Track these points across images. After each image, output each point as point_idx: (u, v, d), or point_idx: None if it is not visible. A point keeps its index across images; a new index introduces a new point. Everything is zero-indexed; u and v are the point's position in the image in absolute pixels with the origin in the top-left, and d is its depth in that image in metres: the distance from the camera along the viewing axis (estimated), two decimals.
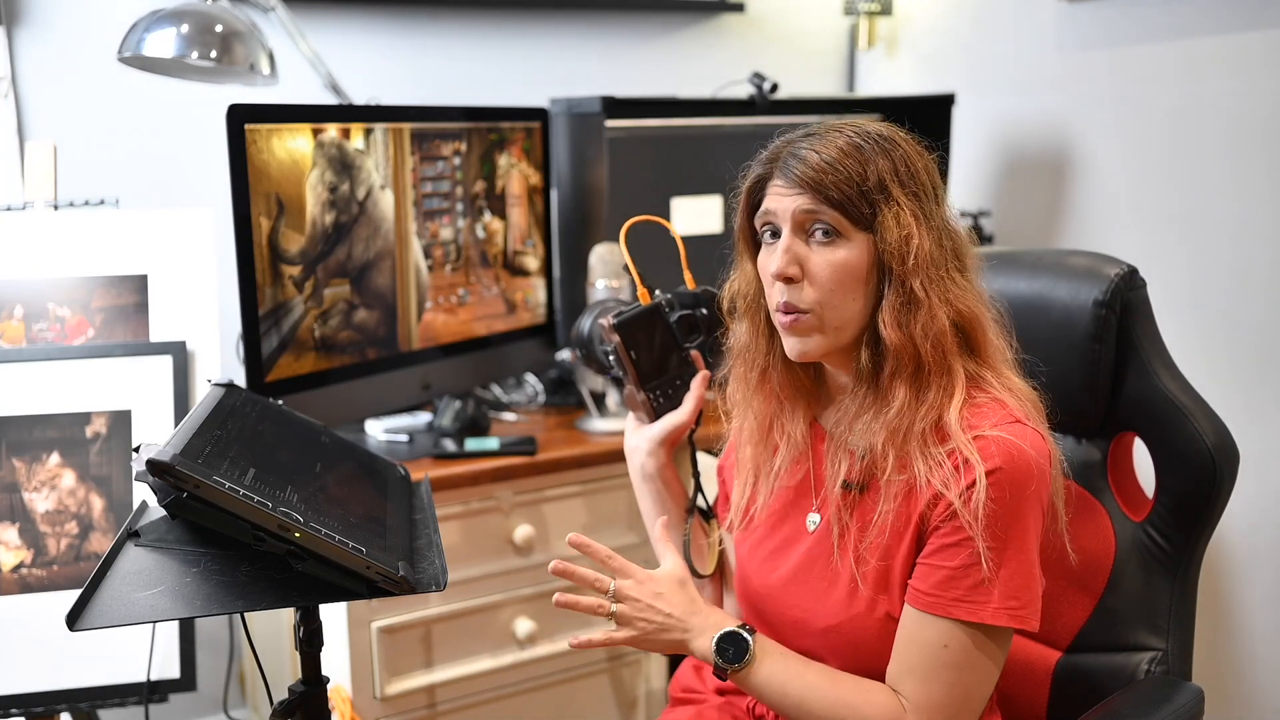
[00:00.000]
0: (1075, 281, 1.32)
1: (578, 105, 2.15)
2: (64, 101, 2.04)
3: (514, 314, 2.12)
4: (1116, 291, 1.29)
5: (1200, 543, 1.29)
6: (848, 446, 1.16)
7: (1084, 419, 1.34)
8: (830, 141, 1.12)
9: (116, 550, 1.07)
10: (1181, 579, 1.30)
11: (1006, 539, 1.07)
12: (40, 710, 1.53)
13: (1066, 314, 1.32)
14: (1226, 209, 2.04)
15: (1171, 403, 1.28)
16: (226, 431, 1.13)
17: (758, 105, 2.26)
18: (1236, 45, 1.99)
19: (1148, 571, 1.30)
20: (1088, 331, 1.30)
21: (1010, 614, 1.08)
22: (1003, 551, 1.07)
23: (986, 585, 1.07)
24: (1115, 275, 1.30)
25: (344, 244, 1.80)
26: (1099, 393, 1.32)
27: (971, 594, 1.08)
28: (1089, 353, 1.30)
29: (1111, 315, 1.29)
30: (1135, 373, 1.31)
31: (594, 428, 1.95)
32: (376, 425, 1.92)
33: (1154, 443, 1.30)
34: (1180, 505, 1.28)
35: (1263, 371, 2.01)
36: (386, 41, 2.29)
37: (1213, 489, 1.26)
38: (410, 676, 1.77)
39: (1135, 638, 1.30)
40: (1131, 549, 1.31)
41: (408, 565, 1.10)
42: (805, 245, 1.12)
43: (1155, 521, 1.30)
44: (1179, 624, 1.30)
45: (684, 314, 1.38)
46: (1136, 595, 1.30)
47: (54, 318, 1.64)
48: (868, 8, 2.62)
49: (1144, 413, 1.30)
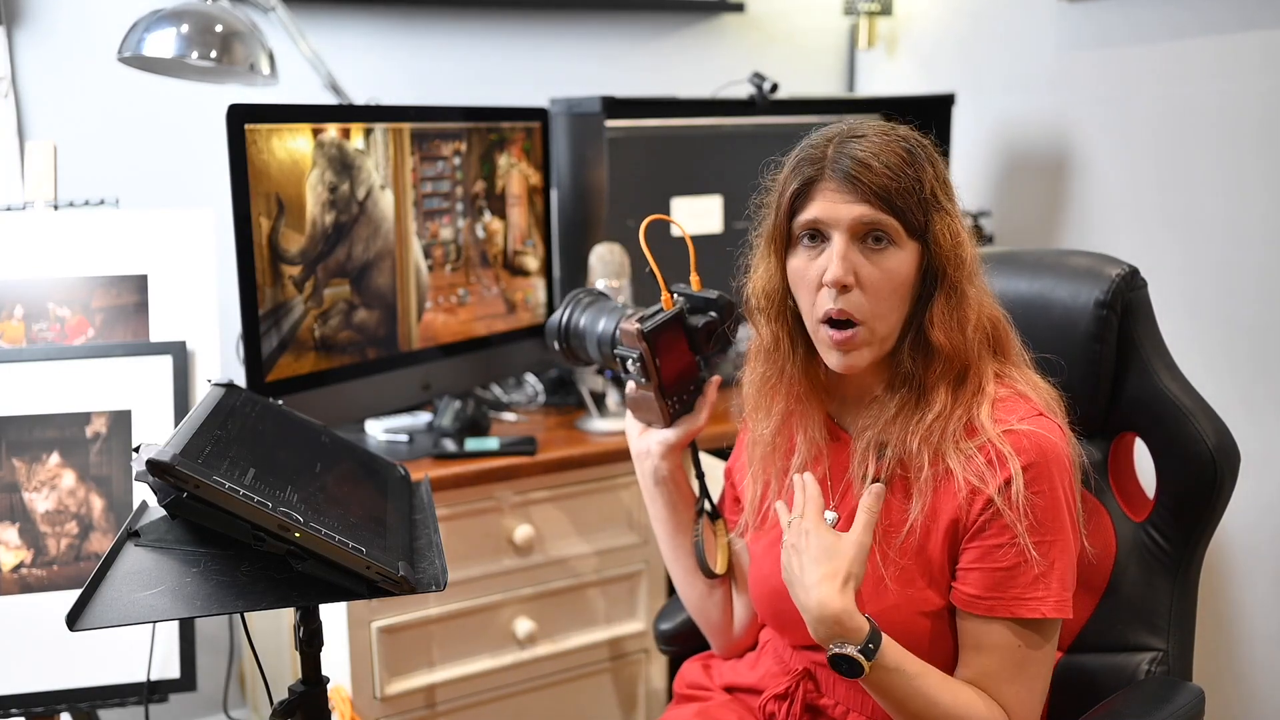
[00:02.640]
0: (1076, 282, 1.32)
1: (578, 105, 2.15)
2: (64, 101, 2.04)
3: (514, 314, 2.12)
4: (1117, 292, 1.29)
5: (1201, 543, 1.29)
6: (875, 445, 1.16)
7: (1085, 419, 1.30)
8: (886, 147, 1.11)
9: (116, 550, 1.07)
10: (1182, 579, 1.30)
11: (1054, 530, 1.09)
12: (40, 710, 1.53)
13: (1067, 314, 1.32)
14: (1223, 208, 2.04)
15: (1172, 403, 1.28)
16: (226, 431, 1.13)
17: (758, 105, 2.26)
18: (1234, 46, 2.00)
19: (1148, 572, 1.30)
20: (1089, 332, 1.30)
21: (1065, 604, 1.10)
22: (1052, 544, 1.09)
23: (1043, 579, 1.09)
24: (1116, 275, 1.30)
25: (344, 244, 1.80)
26: (1100, 393, 1.32)
27: (1030, 590, 1.09)
28: (1090, 353, 1.30)
29: (1113, 315, 1.29)
30: (1136, 373, 1.31)
31: (594, 428, 1.95)
32: (376, 425, 1.92)
33: (1155, 443, 1.30)
34: (1181, 506, 1.28)
35: (1259, 371, 2.01)
36: (386, 41, 2.29)
37: (1213, 489, 1.26)
38: (410, 676, 1.77)
39: (1135, 638, 1.29)
40: (1132, 549, 1.31)
41: (408, 565, 1.10)
42: (858, 253, 1.11)
43: (1156, 522, 1.30)
44: (1179, 624, 1.30)
45: (708, 321, 1.36)
46: (1137, 595, 1.30)
47: (54, 318, 1.64)
48: (868, 8, 2.62)
49: (1145, 413, 1.30)
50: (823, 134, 1.15)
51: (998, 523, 1.09)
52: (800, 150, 1.16)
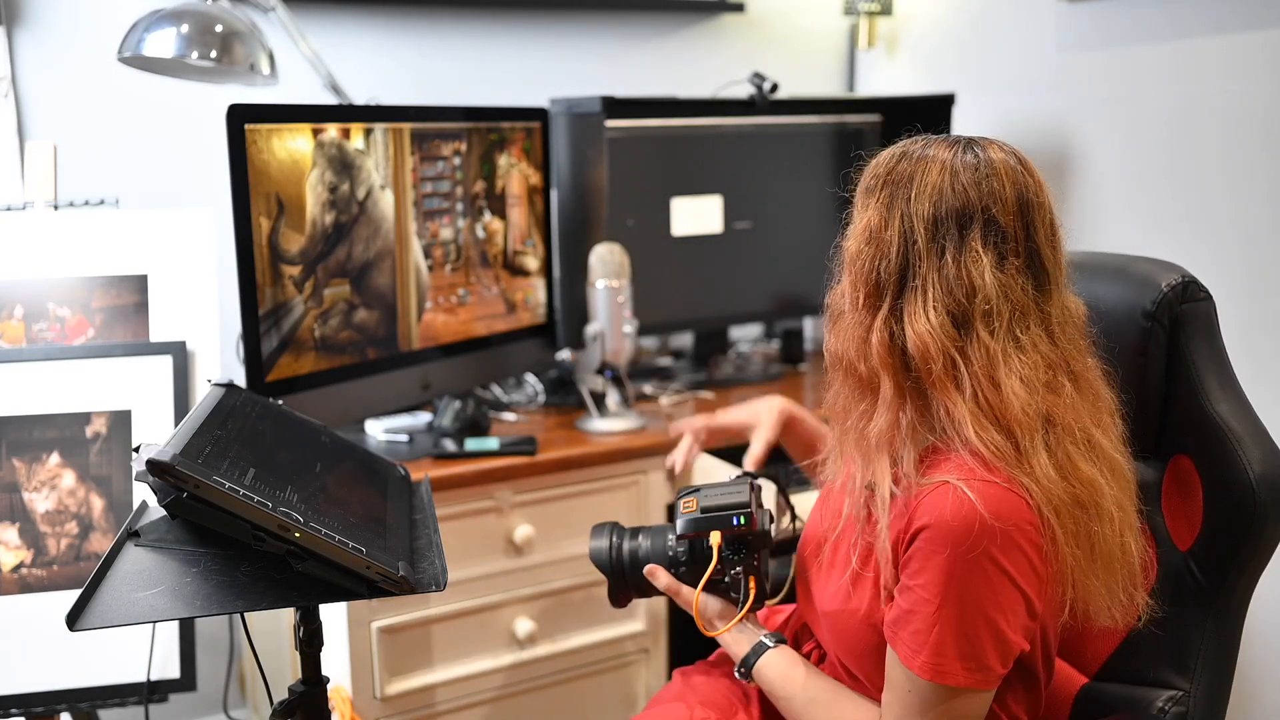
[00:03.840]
0: (1128, 289, 1.24)
1: (578, 105, 2.15)
2: (64, 101, 2.04)
3: (514, 314, 2.12)
4: (1166, 303, 1.21)
5: (1240, 582, 1.18)
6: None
7: (1136, 437, 1.19)
8: None
9: (116, 550, 1.07)
10: (1218, 619, 1.19)
11: (943, 597, 1.03)
12: (40, 710, 1.53)
13: (1116, 325, 1.22)
14: (1224, 209, 2.04)
15: (1218, 425, 1.18)
16: (226, 431, 1.13)
17: (758, 105, 2.26)
18: (1235, 45, 1.99)
19: (1181, 606, 1.20)
20: (1133, 344, 1.22)
21: (937, 670, 1.04)
22: (939, 608, 1.04)
23: (922, 635, 1.05)
24: (1165, 286, 1.21)
25: (344, 244, 1.80)
26: (1149, 410, 1.23)
27: (912, 639, 1.06)
28: (1135, 367, 1.22)
29: (1159, 328, 1.21)
30: (1185, 391, 1.21)
31: (594, 428, 1.95)
32: (376, 425, 1.92)
33: (1201, 468, 1.20)
34: (1218, 538, 1.18)
35: (1259, 371, 2.00)
36: (386, 42, 2.29)
37: (1253, 522, 1.14)
38: (410, 676, 1.77)
39: (1158, 673, 1.21)
40: (1171, 580, 1.22)
41: (408, 565, 1.10)
42: None
43: (1196, 553, 1.20)
44: (1210, 668, 1.19)
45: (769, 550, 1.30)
46: (1166, 629, 1.19)
47: (54, 318, 1.64)
48: (868, 8, 2.62)
49: (1193, 435, 1.21)
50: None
51: (911, 564, 1.06)
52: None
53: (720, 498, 1.29)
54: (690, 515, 1.29)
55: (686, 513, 1.29)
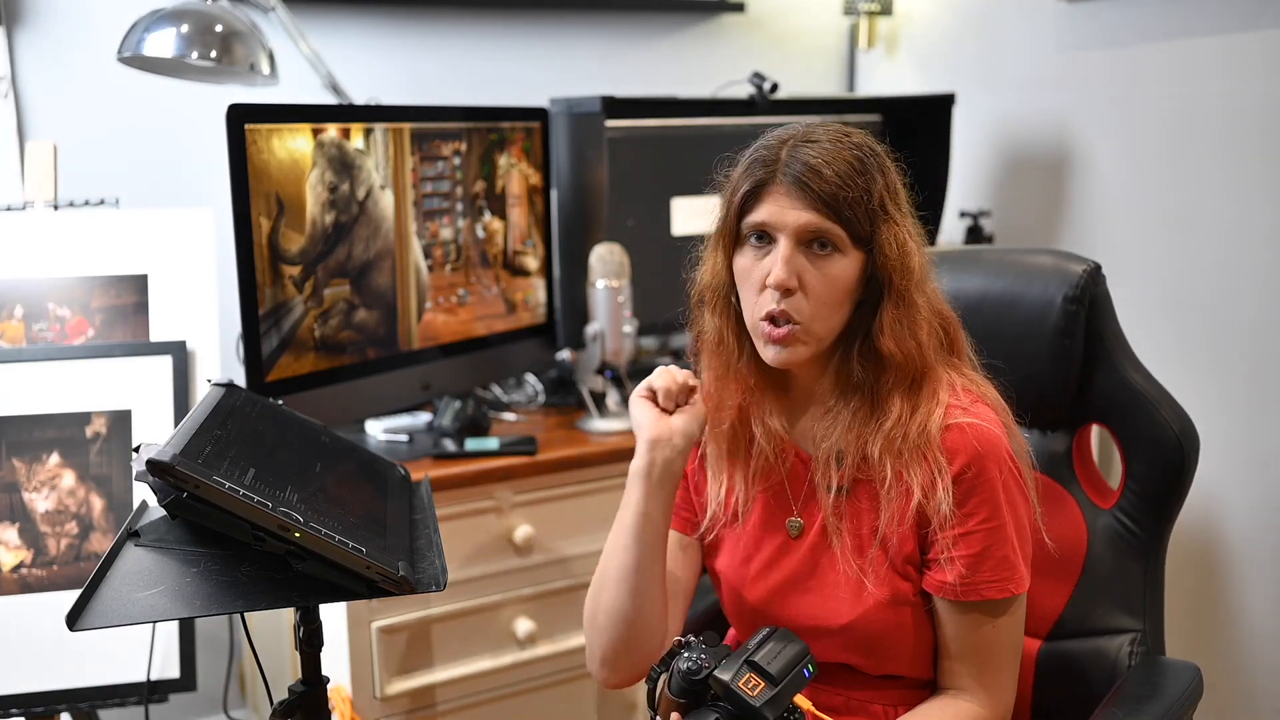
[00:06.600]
0: (1044, 279, 1.36)
1: (578, 105, 2.15)
2: (64, 101, 2.04)
3: (514, 314, 2.12)
4: (1085, 288, 1.33)
5: (1168, 524, 1.35)
6: (833, 453, 1.17)
7: (1051, 412, 1.39)
8: (838, 155, 1.12)
9: (116, 550, 1.07)
10: (1153, 560, 1.35)
11: (1006, 513, 1.14)
12: (40, 710, 1.53)
13: (1036, 311, 1.36)
14: (1223, 208, 2.04)
15: (1140, 394, 1.33)
16: (226, 431, 1.13)
17: (758, 105, 2.26)
18: (1235, 46, 2.00)
19: (1121, 556, 1.35)
20: (1058, 327, 1.34)
21: (1019, 581, 1.15)
22: (1005, 526, 1.14)
23: (1009, 560, 1.14)
24: (1084, 272, 1.34)
25: (344, 244, 1.80)
26: (1068, 386, 1.36)
27: (997, 572, 1.14)
28: (1059, 348, 1.34)
29: (1081, 310, 1.33)
30: (1104, 366, 1.35)
31: (594, 428, 1.95)
32: (376, 425, 1.92)
33: (1123, 432, 1.35)
34: (1149, 490, 1.34)
35: (1259, 371, 2.00)
36: (386, 42, 2.29)
37: (1180, 473, 1.32)
38: (410, 676, 1.77)
39: (1113, 620, 1.34)
40: (1102, 535, 1.36)
41: (408, 565, 1.10)
42: (803, 257, 1.12)
43: (1125, 508, 1.35)
44: (1153, 603, 1.36)
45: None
46: (1112, 579, 1.35)
47: (54, 318, 1.64)
48: (868, 8, 2.62)
49: (1112, 404, 1.36)
50: (778, 135, 1.17)
51: (960, 512, 1.13)
52: (754, 151, 1.17)
53: (771, 661, 1.09)
54: (767, 694, 1.08)
55: (757, 693, 1.07)
